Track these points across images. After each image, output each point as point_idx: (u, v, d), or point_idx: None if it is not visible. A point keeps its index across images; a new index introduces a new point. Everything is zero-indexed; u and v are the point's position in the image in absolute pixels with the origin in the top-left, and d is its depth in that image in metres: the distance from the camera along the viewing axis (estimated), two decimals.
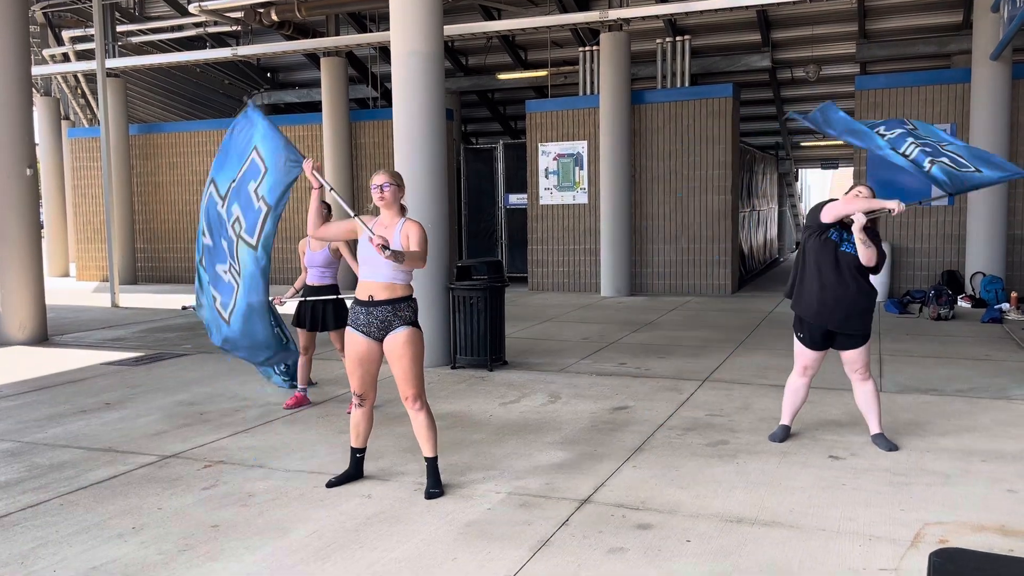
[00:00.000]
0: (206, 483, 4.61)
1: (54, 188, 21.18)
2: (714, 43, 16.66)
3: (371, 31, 16.48)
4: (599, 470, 4.71)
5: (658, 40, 14.80)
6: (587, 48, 15.05)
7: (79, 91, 19.24)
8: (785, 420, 5.32)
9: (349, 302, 4.72)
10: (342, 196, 4.37)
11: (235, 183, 4.94)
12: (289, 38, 16.25)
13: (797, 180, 27.72)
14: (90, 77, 18.50)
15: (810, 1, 12.26)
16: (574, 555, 3.58)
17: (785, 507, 4.09)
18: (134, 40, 17.98)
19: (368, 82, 18.42)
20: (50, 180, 21.04)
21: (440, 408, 6.20)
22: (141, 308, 13.41)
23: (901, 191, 13.09)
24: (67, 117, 22.03)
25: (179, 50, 18.28)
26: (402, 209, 4.45)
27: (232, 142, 4.99)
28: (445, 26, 11.11)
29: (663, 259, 14.36)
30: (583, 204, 14.81)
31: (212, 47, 18.12)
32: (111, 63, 16.63)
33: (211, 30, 17.17)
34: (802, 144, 23.91)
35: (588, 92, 14.98)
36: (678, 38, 14.60)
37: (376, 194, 4.34)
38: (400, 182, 4.43)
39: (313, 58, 18.63)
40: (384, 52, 17.39)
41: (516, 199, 16.48)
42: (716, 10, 12.94)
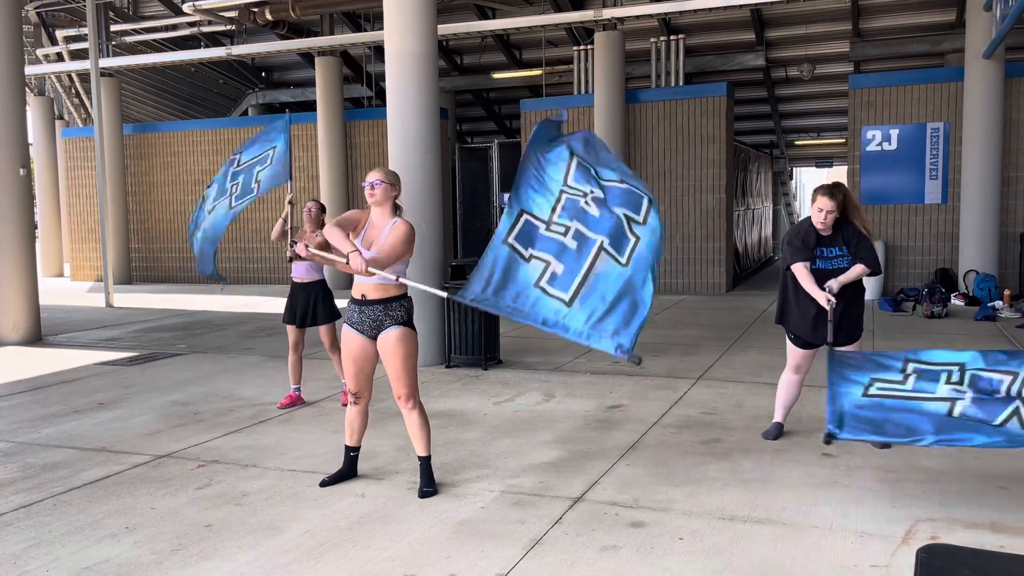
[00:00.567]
0: (200, 483, 4.61)
1: (48, 188, 21.13)
2: (708, 42, 16.68)
3: (365, 30, 16.47)
4: (592, 468, 4.72)
5: (652, 39, 14.82)
6: (581, 47, 15.06)
7: (73, 91, 19.19)
8: (778, 418, 5.34)
9: (342, 303, 4.71)
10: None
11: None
12: (283, 37, 16.22)
13: (792, 179, 27.77)
14: (84, 77, 18.45)
15: (803, 0, 12.28)
16: (567, 553, 3.59)
17: (778, 504, 4.11)
18: (128, 40, 17.94)
19: (363, 81, 18.40)
20: (44, 180, 20.99)
21: (434, 407, 6.20)
22: (135, 308, 13.39)
23: (897, 192, 13.14)
24: (61, 117, 21.97)
25: (173, 50, 18.25)
26: (396, 208, 4.44)
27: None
28: (439, 25, 11.10)
29: None
30: None
31: (206, 47, 18.09)
32: (105, 63, 16.59)
33: (205, 29, 17.14)
34: (796, 143, 23.96)
35: (583, 91, 14.99)
36: (672, 37, 14.62)
37: (367, 191, 4.34)
38: (393, 180, 4.40)
39: (308, 57, 18.62)
40: (379, 51, 17.36)
41: None
42: (710, 9, 12.96)
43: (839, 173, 26.17)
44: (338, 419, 5.92)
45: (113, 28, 17.61)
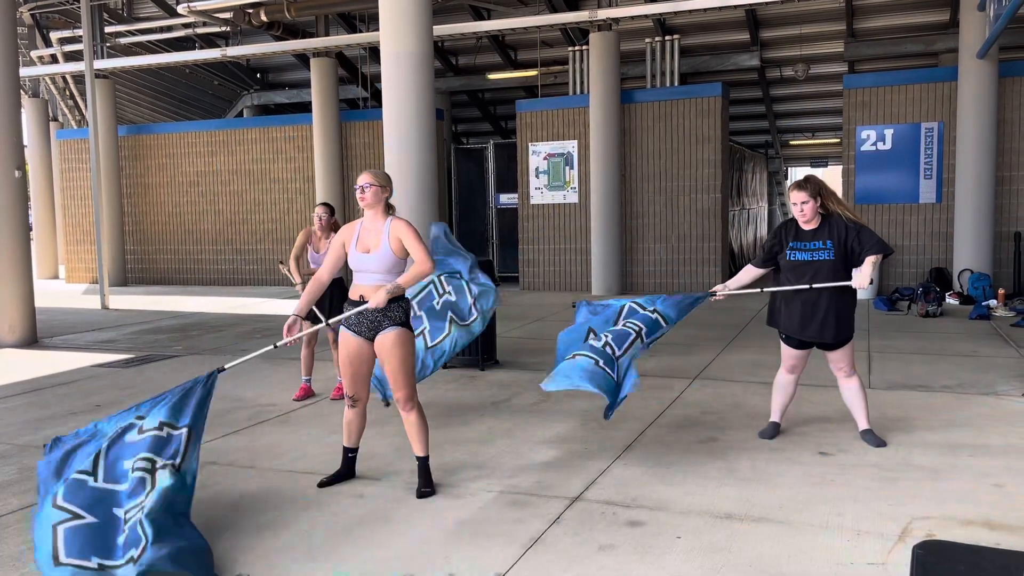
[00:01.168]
0: (198, 484, 4.60)
1: (43, 190, 21.09)
2: (703, 42, 16.73)
3: (361, 31, 16.47)
4: (590, 468, 4.74)
5: (647, 39, 14.85)
6: (577, 48, 15.09)
7: (67, 92, 19.16)
8: (774, 417, 5.36)
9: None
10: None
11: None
12: (279, 39, 16.23)
13: (787, 178, 27.82)
14: (78, 78, 18.43)
15: (798, 0, 12.31)
16: (566, 552, 3.60)
17: (774, 503, 4.13)
18: (122, 41, 17.92)
19: (358, 82, 18.41)
20: (39, 182, 20.95)
21: (432, 408, 6.21)
22: (131, 310, 13.37)
23: (891, 191, 13.18)
24: (55, 119, 21.94)
25: (168, 51, 18.23)
26: (389, 208, 4.46)
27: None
28: (435, 26, 11.12)
29: (653, 258, 14.41)
30: (573, 203, 14.84)
31: (201, 48, 18.08)
32: (99, 64, 16.56)
33: (200, 31, 17.13)
34: (791, 143, 24.03)
35: (578, 92, 15.02)
36: (667, 37, 14.65)
37: (358, 194, 4.36)
38: (384, 182, 4.41)
39: (303, 59, 18.61)
40: (374, 52, 17.38)
41: (507, 199, 16.50)
42: (705, 9, 12.99)
43: (834, 173, 26.23)
44: (336, 420, 5.93)
45: (108, 29, 17.58)
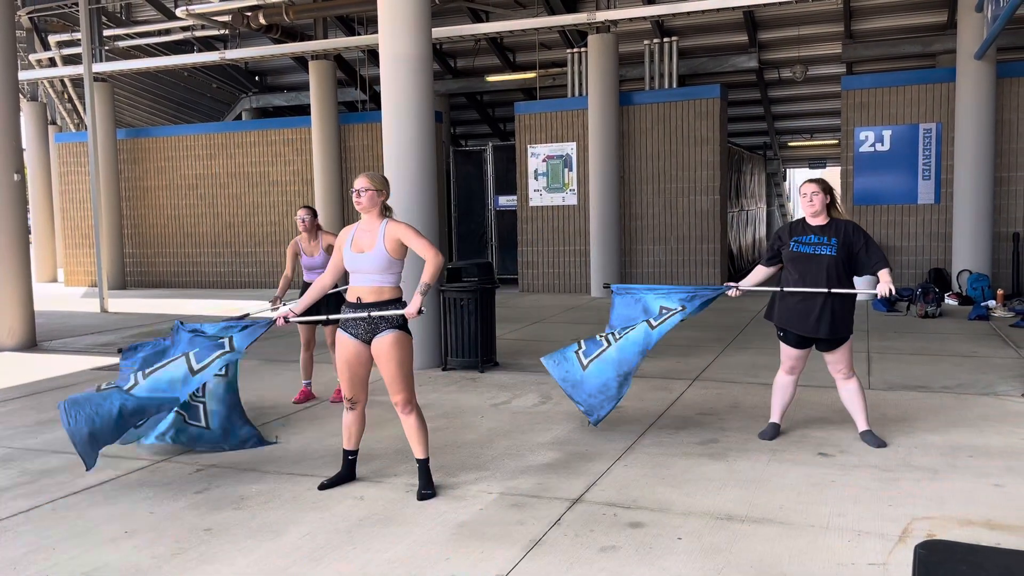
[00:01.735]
0: (198, 487, 4.61)
1: (41, 193, 21.08)
2: (701, 44, 16.74)
3: (359, 34, 16.50)
4: (590, 470, 4.74)
5: (646, 41, 14.86)
6: (575, 50, 15.10)
7: (66, 96, 19.16)
8: (774, 418, 5.36)
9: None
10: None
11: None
12: (277, 41, 16.23)
13: (785, 180, 27.86)
14: (77, 82, 18.43)
15: (796, 2, 12.34)
16: (566, 554, 3.60)
17: (775, 504, 4.13)
18: (121, 44, 17.91)
19: (357, 85, 18.42)
20: (37, 185, 20.94)
21: (431, 410, 6.21)
22: (130, 313, 13.37)
23: (890, 192, 13.20)
24: (54, 122, 21.94)
25: (166, 54, 18.23)
26: (386, 210, 4.46)
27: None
28: (433, 28, 11.12)
29: (652, 259, 14.42)
30: (572, 205, 14.85)
31: (199, 51, 18.09)
32: (98, 67, 16.57)
33: (198, 34, 17.14)
34: (790, 144, 24.05)
35: (576, 94, 15.03)
36: (666, 39, 14.66)
37: (355, 198, 4.36)
38: (380, 185, 4.41)
39: (301, 61, 18.62)
40: (372, 55, 17.40)
41: (506, 201, 16.51)
42: (703, 11, 13.00)
43: (832, 174, 26.26)
44: (335, 422, 5.93)
45: (106, 33, 17.58)
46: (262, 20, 15.03)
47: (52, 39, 18.21)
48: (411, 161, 7.82)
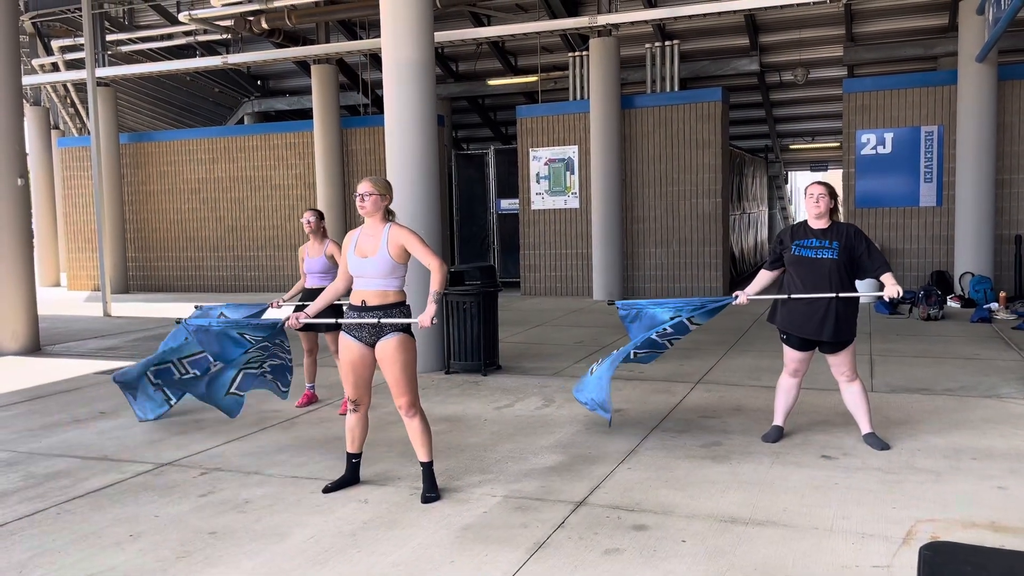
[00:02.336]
0: (203, 490, 4.62)
1: (44, 198, 21.13)
2: (703, 47, 16.77)
3: (361, 38, 16.52)
4: (594, 472, 4.75)
5: (647, 45, 14.88)
6: (577, 53, 15.12)
7: (68, 100, 19.20)
8: (777, 421, 5.37)
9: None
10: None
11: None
12: (279, 46, 16.27)
13: (787, 183, 27.87)
14: (80, 86, 18.47)
15: (797, 5, 12.35)
16: (571, 557, 3.61)
17: (779, 507, 4.13)
18: (124, 49, 17.96)
19: (359, 89, 18.45)
20: (40, 190, 20.99)
21: (435, 413, 6.22)
22: (133, 317, 13.39)
23: (892, 195, 13.20)
24: (57, 126, 21.99)
25: (169, 59, 18.27)
26: (389, 214, 4.47)
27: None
28: (435, 32, 11.15)
29: (655, 262, 14.43)
30: (574, 209, 14.86)
31: (202, 55, 18.12)
32: (101, 72, 16.61)
33: (201, 38, 17.17)
34: (791, 147, 24.06)
35: (578, 97, 15.05)
36: (667, 43, 14.69)
37: (358, 202, 4.37)
38: (383, 190, 4.42)
39: (303, 65, 18.65)
40: (375, 59, 17.43)
41: (508, 204, 16.53)
42: (704, 15, 13.03)
43: (834, 177, 26.28)
44: (339, 425, 5.93)
45: (109, 38, 17.63)
46: (264, 24, 15.06)
47: (55, 44, 18.25)
48: (413, 165, 7.84)
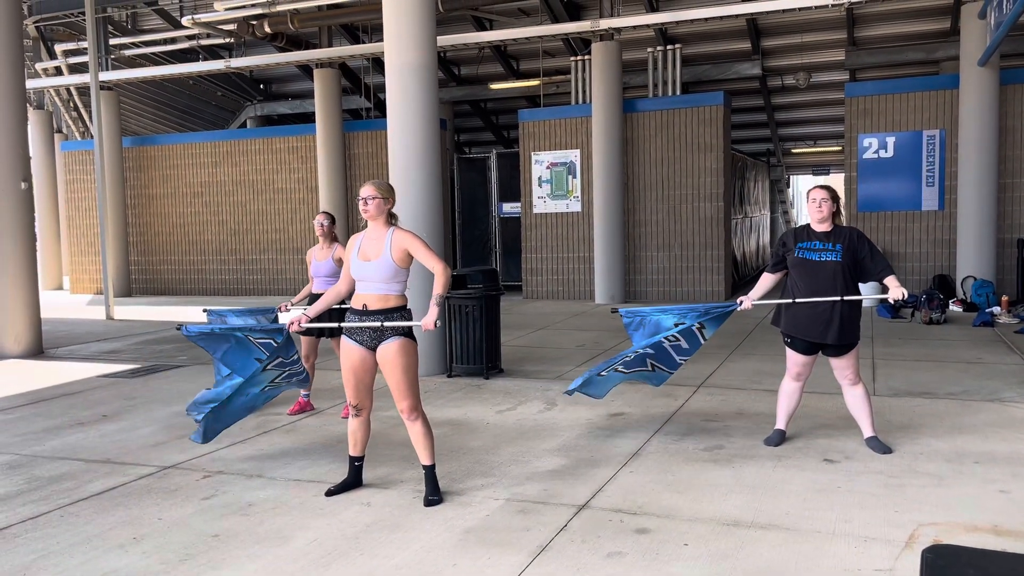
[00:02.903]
0: (206, 493, 4.63)
1: (47, 201, 21.17)
2: (705, 51, 16.79)
3: (364, 42, 16.56)
4: (596, 476, 4.75)
5: (649, 49, 14.90)
6: (579, 57, 15.14)
7: (72, 104, 19.26)
8: (780, 424, 5.37)
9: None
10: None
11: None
12: (282, 50, 16.31)
13: (789, 186, 27.85)
14: (83, 90, 18.52)
15: (799, 9, 12.37)
16: (573, 560, 3.61)
17: (781, 510, 4.13)
18: (127, 53, 18.02)
19: (361, 93, 18.48)
20: (43, 193, 21.03)
21: (437, 416, 6.23)
22: (136, 320, 13.40)
23: (894, 199, 13.21)
24: (60, 130, 22.04)
25: (172, 62, 18.32)
26: (391, 218, 4.48)
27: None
28: (438, 36, 11.17)
29: (657, 266, 14.43)
30: (576, 212, 14.88)
31: (205, 59, 18.17)
32: (104, 76, 16.65)
33: (204, 42, 17.23)
34: (793, 151, 24.06)
35: (580, 101, 15.07)
36: (669, 47, 14.70)
37: (361, 206, 4.38)
38: (386, 194, 4.43)
39: (306, 69, 18.70)
40: (377, 63, 17.47)
41: (510, 208, 16.55)
42: (706, 19, 13.05)
43: (836, 181, 26.27)
44: (342, 429, 5.94)
45: (112, 42, 17.69)
46: (267, 28, 15.11)
47: (58, 48, 18.32)
48: (416, 168, 7.85)
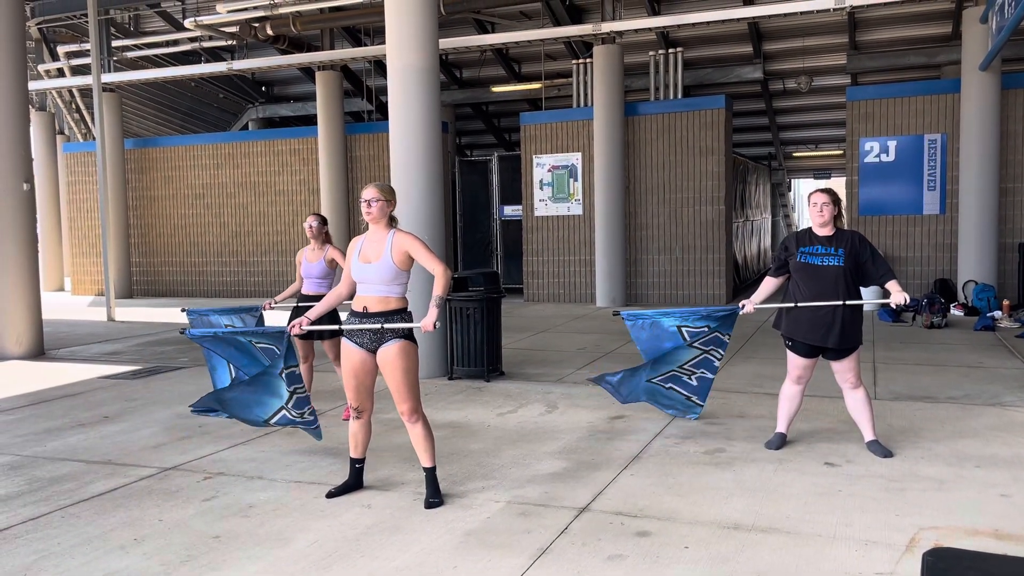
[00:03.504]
0: (206, 494, 4.63)
1: (49, 203, 21.18)
2: (706, 55, 16.80)
3: (366, 45, 16.57)
4: (597, 479, 4.75)
5: (651, 52, 14.92)
6: (580, 60, 15.16)
7: (74, 106, 19.28)
8: (781, 428, 5.37)
9: (344, 314, 4.76)
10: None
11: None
12: (284, 52, 16.33)
13: (790, 190, 27.88)
14: (85, 92, 18.54)
15: (801, 13, 12.38)
16: (574, 562, 3.61)
17: (782, 513, 4.13)
18: (129, 55, 18.04)
19: (363, 95, 18.50)
20: (45, 195, 21.05)
21: (438, 419, 6.23)
22: (137, 322, 13.41)
23: (895, 203, 13.20)
24: (62, 132, 22.07)
25: (174, 64, 18.36)
26: (392, 220, 4.48)
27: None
28: (440, 39, 11.19)
29: (658, 269, 14.43)
30: (578, 215, 14.88)
31: (207, 61, 18.20)
32: (107, 78, 16.68)
33: (206, 45, 17.25)
34: (795, 155, 24.08)
35: (582, 104, 15.08)
36: (671, 50, 14.72)
37: (364, 208, 4.38)
38: (389, 196, 4.43)
39: (308, 72, 18.72)
40: (379, 66, 17.48)
41: (511, 211, 16.55)
42: (708, 23, 13.06)
43: (837, 184, 26.27)
44: (342, 431, 5.94)
45: (114, 44, 17.71)
46: (269, 31, 15.13)
47: (61, 50, 18.34)
48: (418, 171, 7.86)
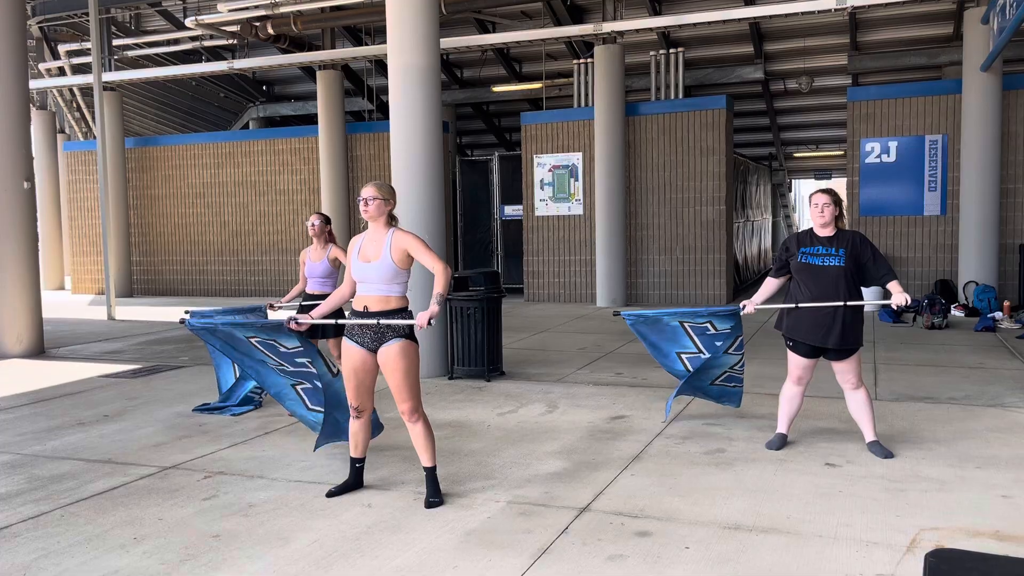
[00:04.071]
0: (206, 493, 4.63)
1: (50, 201, 21.19)
2: (707, 55, 16.80)
3: (366, 44, 16.57)
4: (597, 479, 4.75)
5: (652, 52, 14.91)
6: (581, 60, 15.16)
7: (74, 105, 19.29)
8: (781, 428, 5.36)
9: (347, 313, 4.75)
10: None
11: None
12: (285, 51, 16.33)
13: (791, 190, 27.88)
14: (86, 91, 18.55)
15: (802, 14, 12.37)
16: (574, 562, 3.61)
17: (782, 514, 4.13)
18: (130, 54, 18.05)
19: (364, 95, 18.50)
20: (46, 193, 21.05)
21: (438, 418, 6.23)
22: (137, 321, 13.41)
23: (896, 203, 13.20)
24: (62, 130, 22.07)
25: (175, 64, 18.35)
26: (392, 220, 4.48)
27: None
28: (441, 39, 11.19)
29: (658, 269, 14.43)
30: (578, 215, 14.88)
31: (208, 60, 18.21)
32: (107, 77, 16.68)
33: (207, 44, 17.26)
34: (795, 155, 24.07)
35: (583, 104, 15.08)
36: (672, 50, 14.71)
37: (361, 206, 4.37)
38: (387, 195, 4.42)
39: (309, 71, 18.72)
40: (380, 65, 17.48)
41: (511, 210, 16.55)
42: (709, 23, 13.06)
43: (838, 185, 26.27)
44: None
45: (115, 43, 17.72)
46: (270, 30, 15.13)
47: (62, 48, 18.35)
48: (418, 170, 7.86)
